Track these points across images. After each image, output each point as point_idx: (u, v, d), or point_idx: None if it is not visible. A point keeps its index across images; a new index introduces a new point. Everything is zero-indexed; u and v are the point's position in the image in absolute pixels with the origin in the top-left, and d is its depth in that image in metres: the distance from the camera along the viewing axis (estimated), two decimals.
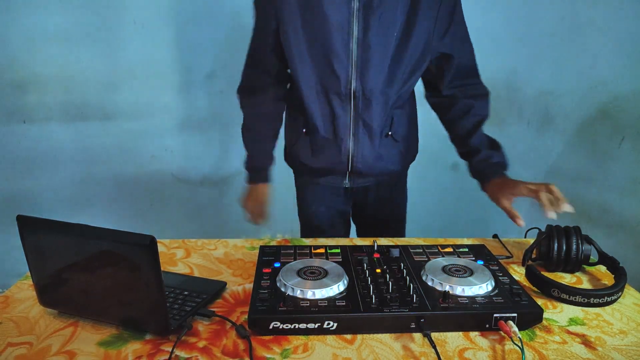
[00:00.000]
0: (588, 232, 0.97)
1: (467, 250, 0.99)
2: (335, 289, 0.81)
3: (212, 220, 2.29)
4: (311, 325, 0.75)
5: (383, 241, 1.12)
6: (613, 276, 0.92)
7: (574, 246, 0.94)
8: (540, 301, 0.85)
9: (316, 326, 0.75)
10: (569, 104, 1.87)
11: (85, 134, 2.03)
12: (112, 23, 1.91)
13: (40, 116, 1.97)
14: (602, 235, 0.98)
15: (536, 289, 0.90)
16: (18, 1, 1.82)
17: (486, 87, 1.20)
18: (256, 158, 1.31)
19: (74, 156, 2.05)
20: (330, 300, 0.79)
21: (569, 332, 0.78)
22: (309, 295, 0.79)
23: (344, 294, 0.81)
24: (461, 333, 0.77)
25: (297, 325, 0.75)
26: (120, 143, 2.08)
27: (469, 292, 0.81)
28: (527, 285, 0.92)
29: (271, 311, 0.75)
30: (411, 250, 0.99)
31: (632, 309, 0.85)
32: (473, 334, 0.76)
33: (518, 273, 0.98)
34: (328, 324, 0.75)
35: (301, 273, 0.86)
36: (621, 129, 1.69)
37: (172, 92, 2.07)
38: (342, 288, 0.82)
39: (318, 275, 0.85)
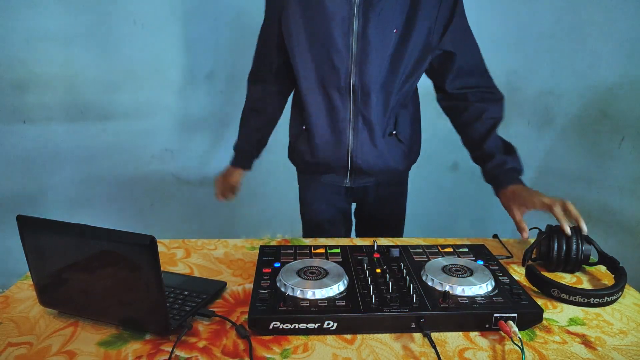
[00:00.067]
0: (588, 232, 0.97)
1: (467, 250, 0.99)
2: (335, 289, 0.81)
3: (212, 220, 2.29)
4: (311, 325, 0.75)
5: (383, 241, 1.12)
6: (613, 276, 0.92)
7: (574, 246, 0.94)
8: (540, 301, 0.85)
9: (316, 326, 0.75)
10: (569, 104, 1.87)
11: (85, 134, 2.03)
12: (112, 23, 1.91)
13: (40, 116, 1.97)
14: (602, 235, 0.98)
15: (536, 289, 0.90)
16: (18, 1, 1.82)
17: (500, 92, 1.18)
18: (241, 144, 1.37)
19: (74, 156, 2.05)
20: (330, 300, 0.79)
21: (569, 332, 0.78)
22: (309, 295, 0.79)
23: (344, 294, 0.81)
24: (461, 333, 0.77)
25: (297, 325, 0.75)
26: (120, 143, 2.08)
27: (469, 292, 0.81)
28: (527, 285, 0.92)
29: (271, 311, 0.75)
30: (411, 250, 0.99)
31: (632, 309, 0.85)
32: (473, 334, 0.76)
33: (518, 273, 0.98)
34: (328, 324, 0.75)
35: (301, 273, 0.86)
36: (621, 129, 1.69)
37: (172, 92, 2.07)
38: (342, 288, 0.82)
39: (318, 275, 0.85)
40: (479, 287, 0.81)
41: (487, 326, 0.77)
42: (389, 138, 1.22)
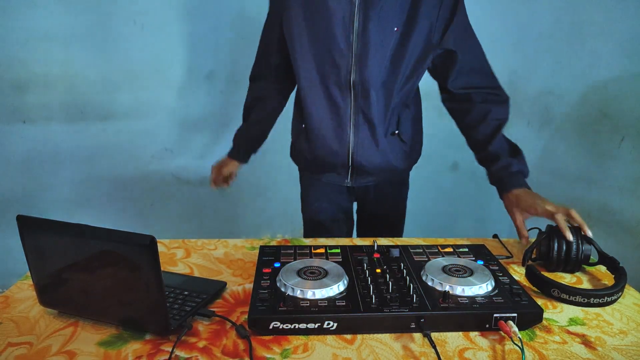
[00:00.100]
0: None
1: (467, 250, 0.99)
2: (335, 289, 0.81)
3: (212, 220, 2.30)
4: (311, 325, 0.75)
5: (383, 241, 1.12)
6: (613, 276, 0.92)
7: (574, 246, 0.94)
8: (540, 301, 0.85)
9: (316, 326, 0.75)
10: (569, 104, 1.87)
11: (85, 134, 2.03)
12: (112, 23, 1.91)
13: (40, 116, 1.97)
14: (602, 235, 0.98)
15: (536, 289, 0.90)
16: (18, 1, 1.82)
17: (505, 93, 1.18)
18: (240, 137, 1.42)
19: (74, 156, 2.05)
20: (330, 300, 0.79)
21: (569, 332, 0.78)
22: (309, 295, 0.79)
23: (344, 294, 0.81)
24: (461, 333, 0.77)
25: (297, 325, 0.75)
26: (120, 143, 2.08)
27: (469, 292, 0.81)
28: (527, 285, 0.92)
29: (271, 311, 0.75)
30: (411, 250, 0.99)
31: (632, 309, 0.85)
32: (473, 334, 0.76)
33: (518, 273, 0.98)
34: (328, 324, 0.75)
35: (301, 273, 0.86)
36: (621, 129, 1.69)
37: (172, 92, 2.07)
38: (342, 288, 0.82)
39: (318, 275, 0.85)
40: (479, 287, 0.81)
41: (487, 326, 0.77)
42: (392, 137, 1.23)
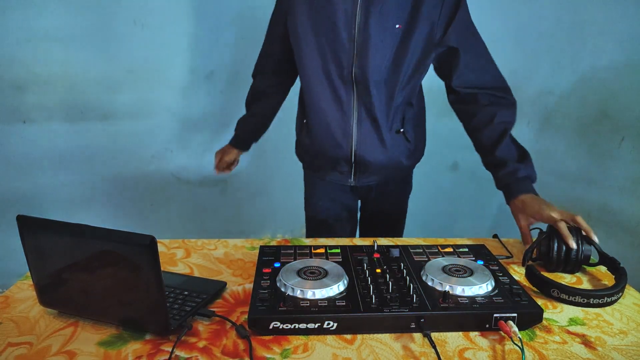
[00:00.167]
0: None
1: (467, 250, 0.99)
2: (335, 289, 0.81)
3: (212, 220, 2.30)
4: (311, 325, 0.75)
5: (383, 241, 1.12)
6: (613, 277, 0.92)
7: (574, 244, 0.94)
8: (540, 301, 0.85)
9: (316, 326, 0.75)
10: (569, 104, 1.87)
11: (85, 134, 2.03)
12: (112, 23, 1.91)
13: (40, 116, 1.97)
14: (602, 235, 0.98)
15: (536, 289, 0.90)
16: (18, 1, 1.81)
17: (513, 97, 1.18)
18: (241, 127, 1.49)
19: (74, 156, 2.05)
20: (330, 300, 0.79)
21: (569, 332, 0.78)
22: (309, 295, 0.79)
23: (344, 294, 0.81)
24: (461, 333, 0.77)
25: (297, 325, 0.75)
26: (120, 143, 2.08)
27: (469, 292, 0.81)
28: (527, 285, 0.92)
29: (271, 311, 0.75)
30: (411, 250, 0.99)
31: (632, 309, 0.85)
32: (473, 334, 0.76)
33: (518, 273, 0.98)
34: (328, 324, 0.75)
35: (301, 273, 0.86)
36: (621, 129, 1.69)
37: (172, 92, 2.07)
38: (342, 288, 0.82)
39: (318, 275, 0.85)
40: (479, 287, 0.81)
41: (487, 326, 0.77)
42: (396, 135, 1.24)
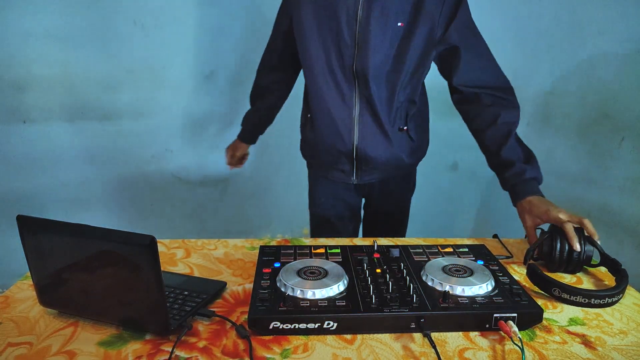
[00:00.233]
0: (587, 233, 0.97)
1: (467, 250, 0.99)
2: (335, 289, 0.81)
3: (212, 220, 2.30)
4: (311, 325, 0.75)
5: (383, 241, 1.12)
6: (614, 278, 0.92)
7: (578, 246, 0.94)
8: (540, 301, 0.85)
9: (316, 326, 0.75)
10: (569, 104, 1.87)
11: (85, 134, 2.03)
12: (112, 23, 1.91)
13: (40, 116, 1.97)
14: (602, 235, 0.98)
15: (537, 289, 0.90)
16: (18, 1, 1.81)
17: (517, 101, 1.18)
18: (247, 122, 1.57)
19: (74, 156, 2.05)
20: (330, 300, 0.79)
21: (569, 332, 0.78)
22: (309, 295, 0.79)
23: (344, 294, 0.81)
24: (461, 333, 0.77)
25: (297, 325, 0.75)
26: (120, 143, 2.08)
27: (469, 292, 0.81)
28: (527, 285, 0.92)
29: (271, 311, 0.75)
30: (411, 250, 0.99)
31: (632, 309, 0.85)
32: (473, 334, 0.76)
33: (518, 273, 0.98)
34: (328, 324, 0.75)
35: (301, 273, 0.86)
36: (621, 129, 1.69)
37: (172, 92, 2.07)
38: (342, 288, 0.82)
39: (318, 275, 0.85)
40: (479, 287, 0.81)
41: (487, 326, 0.77)
42: (399, 133, 1.26)
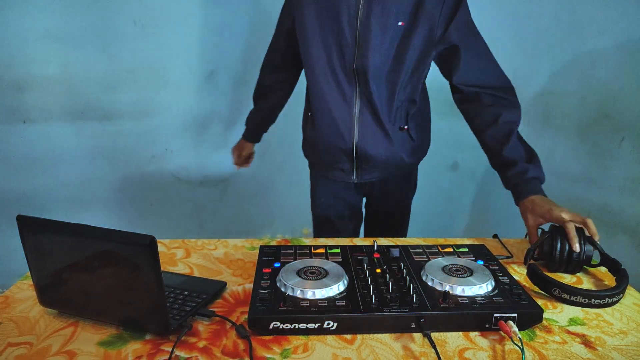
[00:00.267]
0: (588, 233, 0.97)
1: (467, 250, 0.99)
2: (335, 289, 0.81)
3: (212, 220, 2.30)
4: (311, 325, 0.75)
5: (383, 241, 1.12)
6: (614, 278, 0.92)
7: (578, 247, 0.94)
8: (540, 301, 0.85)
9: (316, 326, 0.75)
10: (569, 104, 1.87)
11: (85, 134, 2.03)
12: (112, 23, 1.91)
13: (40, 116, 1.97)
14: (602, 235, 0.98)
15: (537, 289, 0.90)
16: (18, 1, 1.82)
17: (518, 101, 1.18)
18: (250, 121, 1.58)
19: (74, 156, 2.05)
20: (330, 300, 0.79)
21: (569, 332, 0.78)
22: (309, 295, 0.79)
23: (344, 294, 0.81)
24: (461, 333, 0.77)
25: (297, 325, 0.75)
26: (120, 143, 2.08)
27: (469, 292, 0.81)
28: (527, 285, 0.92)
29: (271, 311, 0.75)
30: (411, 250, 0.99)
31: (632, 309, 0.85)
32: (473, 334, 0.76)
33: (518, 273, 0.98)
34: (328, 324, 0.75)
35: (301, 273, 0.86)
36: (621, 129, 1.69)
37: (172, 92, 2.07)
38: (342, 288, 0.82)
39: (318, 275, 0.85)
40: (479, 287, 0.81)
41: (487, 326, 0.77)
42: (400, 132, 1.26)
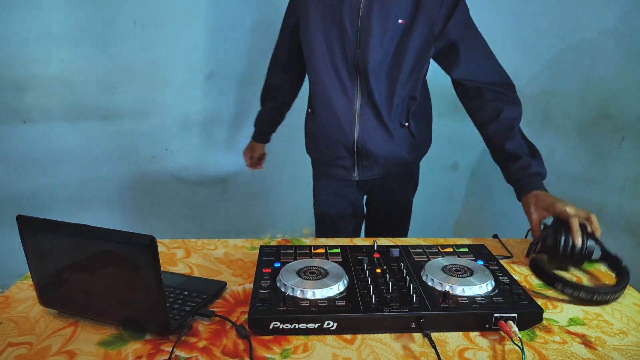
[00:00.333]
0: (590, 228, 0.97)
1: (467, 250, 0.99)
2: (335, 289, 0.81)
3: (212, 220, 2.30)
4: (311, 325, 0.75)
5: (383, 241, 1.12)
6: (614, 275, 0.92)
7: (579, 241, 0.94)
8: (540, 301, 0.85)
9: (316, 326, 0.75)
10: (569, 104, 1.87)
11: (85, 134, 2.03)
12: (112, 23, 1.91)
13: (40, 116, 1.97)
14: (603, 235, 0.98)
15: (537, 289, 0.90)
16: (18, 1, 1.82)
17: (518, 99, 1.19)
18: (259, 122, 1.61)
19: (74, 156, 2.05)
20: (330, 300, 0.79)
21: (569, 332, 0.78)
22: (309, 295, 0.79)
23: (344, 294, 0.81)
24: (461, 333, 0.77)
25: (297, 325, 0.75)
26: (120, 143, 2.08)
27: (469, 292, 0.81)
28: (527, 285, 0.92)
29: (271, 311, 0.75)
30: (411, 250, 0.99)
31: (632, 309, 0.85)
32: (473, 334, 0.76)
33: (518, 273, 0.98)
34: (328, 324, 0.75)
35: (301, 273, 0.86)
36: (621, 129, 1.69)
37: (172, 92, 2.07)
38: (342, 288, 0.82)
39: (318, 275, 0.85)
40: (479, 287, 0.82)
41: (487, 326, 0.77)
42: (401, 128, 1.27)
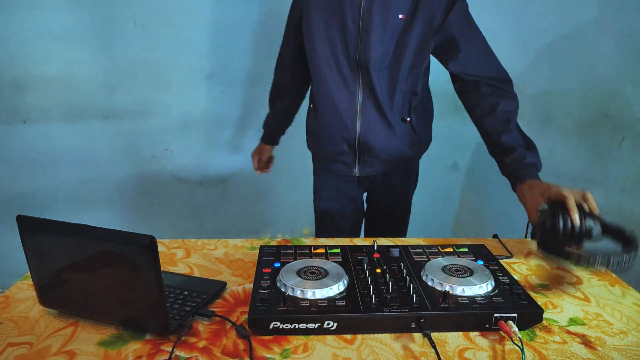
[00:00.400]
0: (588, 206, 0.96)
1: (467, 250, 0.99)
2: (335, 289, 0.81)
3: (212, 220, 2.29)
4: (311, 325, 0.75)
5: (383, 241, 1.12)
6: (621, 245, 0.87)
7: (577, 220, 0.91)
8: (540, 301, 0.85)
9: (316, 326, 0.75)
10: (569, 104, 1.87)
11: (85, 134, 2.03)
12: (112, 23, 1.91)
13: (40, 116, 1.97)
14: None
15: (537, 289, 0.90)
16: (18, 1, 1.82)
17: (515, 93, 1.20)
18: (267, 124, 1.59)
19: (74, 156, 2.05)
20: (330, 300, 0.79)
21: (569, 332, 0.78)
22: (309, 295, 0.79)
23: (344, 294, 0.81)
24: (461, 333, 0.77)
25: (297, 325, 0.75)
26: (120, 143, 2.08)
27: (469, 292, 0.81)
28: (527, 285, 0.92)
29: (271, 311, 0.76)
30: (411, 250, 0.99)
31: (632, 309, 0.85)
32: (473, 334, 0.76)
33: (518, 273, 0.98)
34: (328, 324, 0.75)
35: (301, 273, 0.86)
36: (621, 129, 1.69)
37: (172, 92, 2.07)
38: (342, 288, 0.82)
39: (318, 275, 0.85)
40: (479, 287, 0.82)
41: (487, 326, 0.77)
42: (402, 123, 1.28)
